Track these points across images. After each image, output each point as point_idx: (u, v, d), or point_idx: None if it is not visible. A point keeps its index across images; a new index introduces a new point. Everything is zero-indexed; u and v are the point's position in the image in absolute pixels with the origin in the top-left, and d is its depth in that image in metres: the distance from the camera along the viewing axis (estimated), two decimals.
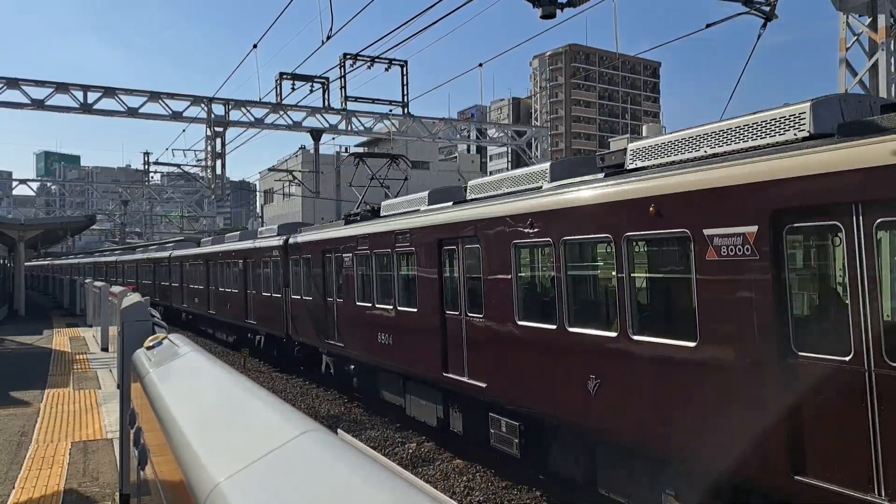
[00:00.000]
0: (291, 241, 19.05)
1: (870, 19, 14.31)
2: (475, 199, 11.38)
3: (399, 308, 13.02)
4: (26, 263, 43.91)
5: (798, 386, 5.75)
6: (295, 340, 19.10)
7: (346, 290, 15.39)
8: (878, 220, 5.22)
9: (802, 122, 6.28)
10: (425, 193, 13.18)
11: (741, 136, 6.86)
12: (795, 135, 6.31)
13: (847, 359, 5.43)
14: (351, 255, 14.96)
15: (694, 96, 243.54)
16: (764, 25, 13.94)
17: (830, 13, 14.95)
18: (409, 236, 12.59)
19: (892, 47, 14.01)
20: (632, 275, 7.76)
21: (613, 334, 7.89)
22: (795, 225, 5.87)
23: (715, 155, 7.03)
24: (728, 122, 7.08)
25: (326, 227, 18.05)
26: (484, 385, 10.40)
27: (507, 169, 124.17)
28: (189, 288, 31.05)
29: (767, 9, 14.05)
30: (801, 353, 5.77)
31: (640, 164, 8.09)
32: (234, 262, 24.19)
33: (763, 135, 6.63)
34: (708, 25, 15.12)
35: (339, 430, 2.05)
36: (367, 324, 14.31)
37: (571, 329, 8.58)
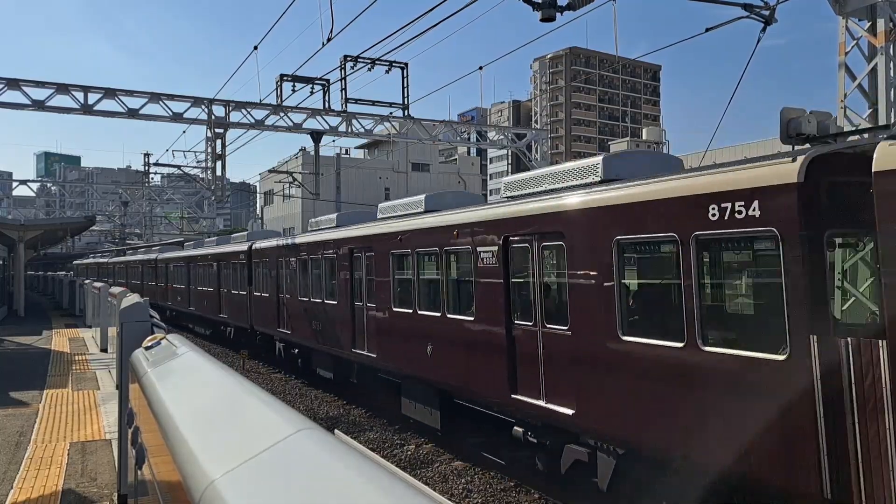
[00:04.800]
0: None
1: (869, 23, 14.32)
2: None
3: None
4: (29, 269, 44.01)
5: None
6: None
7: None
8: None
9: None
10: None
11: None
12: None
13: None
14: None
15: (694, 99, 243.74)
16: (763, 29, 13.96)
17: (829, 16, 14.97)
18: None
19: (891, 51, 14.03)
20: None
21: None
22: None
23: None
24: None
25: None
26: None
27: (508, 172, 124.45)
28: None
29: (767, 13, 14.08)
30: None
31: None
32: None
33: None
34: (708, 29, 15.15)
35: (336, 431, 2.05)
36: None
37: None
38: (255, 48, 23.79)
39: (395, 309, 13.22)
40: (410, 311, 12.69)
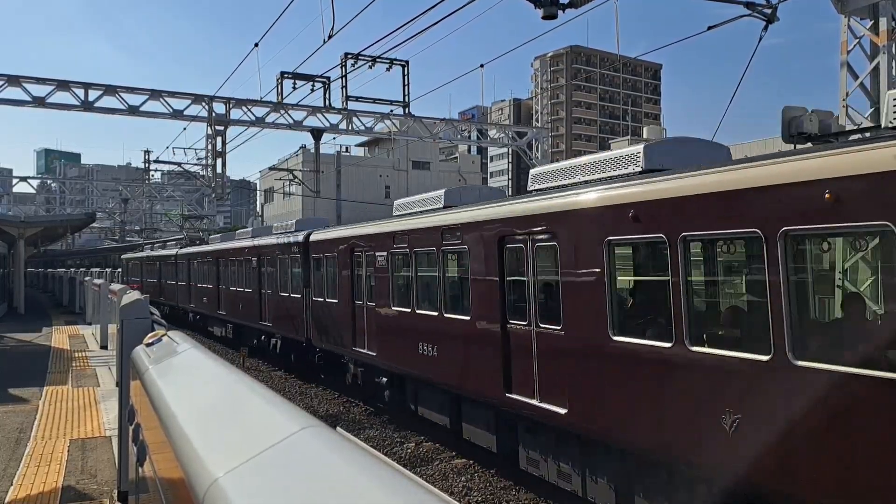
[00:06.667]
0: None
1: (871, 22, 14.30)
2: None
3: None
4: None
5: None
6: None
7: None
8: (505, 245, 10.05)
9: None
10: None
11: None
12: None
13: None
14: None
15: (695, 98, 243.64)
16: (765, 28, 13.93)
17: (831, 15, 14.95)
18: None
19: (893, 50, 14.00)
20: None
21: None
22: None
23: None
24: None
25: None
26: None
27: (508, 171, 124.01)
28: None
29: (769, 11, 14.05)
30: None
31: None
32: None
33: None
34: (710, 27, 15.13)
35: (338, 428, 2.04)
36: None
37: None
38: (256, 45, 23.79)
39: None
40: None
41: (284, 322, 19.92)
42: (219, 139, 27.25)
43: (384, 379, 14.29)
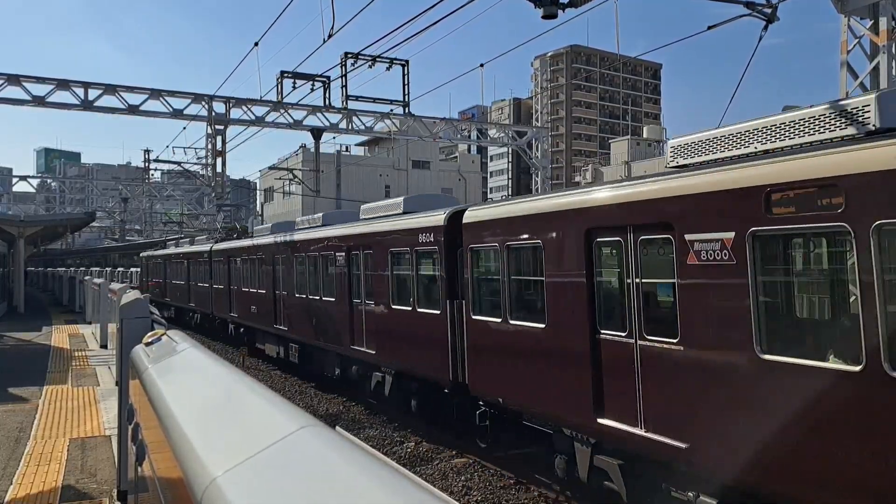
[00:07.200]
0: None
1: (871, 22, 14.30)
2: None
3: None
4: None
5: None
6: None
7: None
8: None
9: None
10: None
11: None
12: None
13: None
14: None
15: (695, 98, 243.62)
16: (765, 28, 13.93)
17: (831, 15, 14.95)
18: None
19: (893, 50, 14.01)
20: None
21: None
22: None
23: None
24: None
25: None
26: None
27: (508, 170, 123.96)
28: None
29: (769, 11, 14.05)
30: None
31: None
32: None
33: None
34: (710, 27, 15.12)
35: (337, 428, 2.04)
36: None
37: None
38: (256, 45, 23.79)
39: None
40: None
41: (405, 349, 12.96)
42: (218, 138, 27.27)
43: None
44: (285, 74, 26.00)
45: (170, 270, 35.76)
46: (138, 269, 47.12)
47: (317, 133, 28.54)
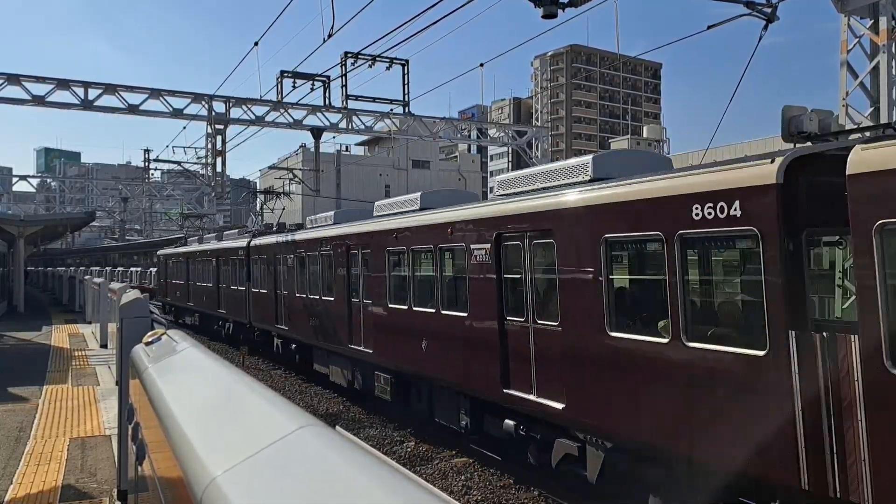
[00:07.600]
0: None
1: (871, 22, 14.29)
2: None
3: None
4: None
5: None
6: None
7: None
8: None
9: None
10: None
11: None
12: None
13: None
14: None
15: (695, 97, 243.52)
16: (765, 27, 13.92)
17: (831, 14, 14.95)
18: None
19: (893, 50, 14.00)
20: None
21: None
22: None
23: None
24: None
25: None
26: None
27: (508, 170, 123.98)
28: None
29: (769, 10, 14.04)
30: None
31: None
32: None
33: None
34: (710, 26, 15.12)
35: (337, 427, 2.04)
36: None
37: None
38: (256, 44, 23.82)
39: None
40: None
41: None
42: (218, 138, 27.25)
43: None
44: (285, 74, 26.00)
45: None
46: (139, 269, 46.52)
47: (317, 133, 28.53)
